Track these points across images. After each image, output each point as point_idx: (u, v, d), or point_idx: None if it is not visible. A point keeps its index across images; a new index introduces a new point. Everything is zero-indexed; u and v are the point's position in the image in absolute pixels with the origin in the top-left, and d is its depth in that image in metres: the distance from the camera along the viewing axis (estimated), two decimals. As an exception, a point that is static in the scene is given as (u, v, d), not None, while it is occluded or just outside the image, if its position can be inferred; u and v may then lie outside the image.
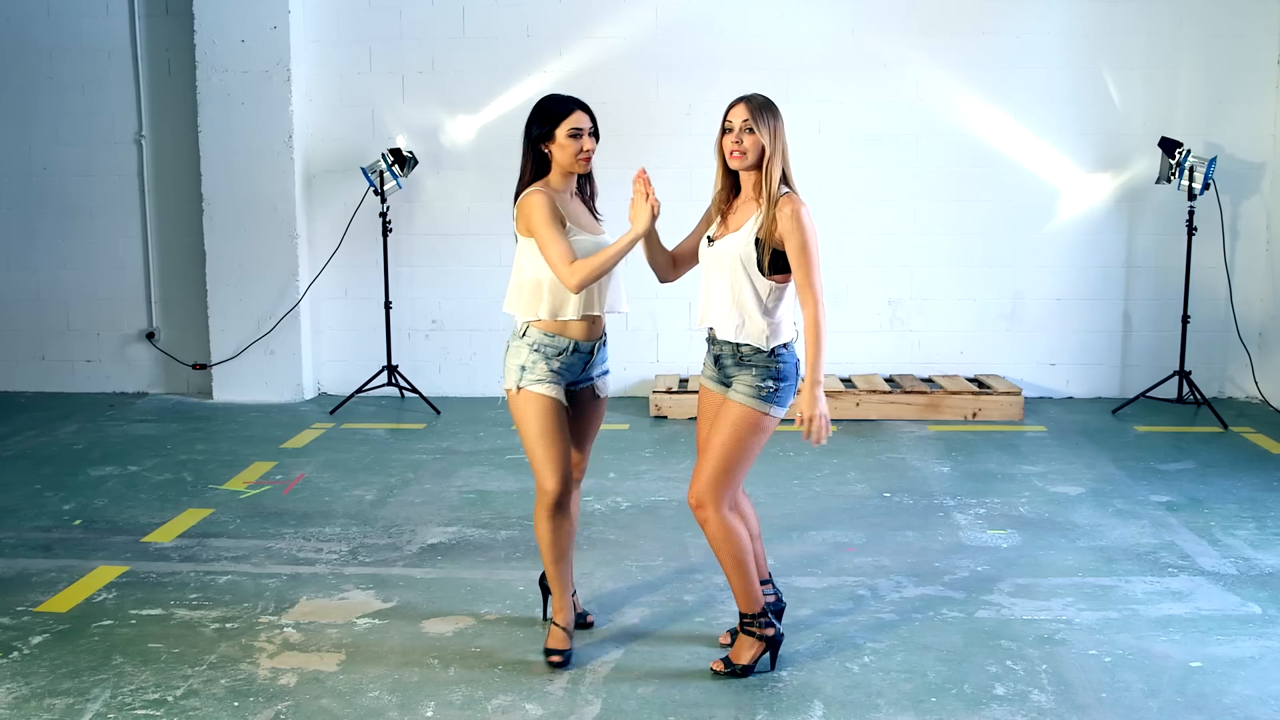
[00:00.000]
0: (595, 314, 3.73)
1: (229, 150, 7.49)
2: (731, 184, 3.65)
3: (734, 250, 3.53)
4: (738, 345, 3.56)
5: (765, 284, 3.52)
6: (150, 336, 7.99)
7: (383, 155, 7.21)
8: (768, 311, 3.53)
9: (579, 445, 3.90)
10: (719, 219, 3.67)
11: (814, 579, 4.47)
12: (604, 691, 3.55)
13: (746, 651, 3.66)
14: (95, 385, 8.06)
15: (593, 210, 3.86)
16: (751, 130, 3.49)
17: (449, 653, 3.82)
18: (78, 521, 5.23)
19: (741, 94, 3.60)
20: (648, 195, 3.56)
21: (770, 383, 3.53)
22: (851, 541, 4.90)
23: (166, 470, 6.05)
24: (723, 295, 3.57)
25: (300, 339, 7.67)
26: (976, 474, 5.90)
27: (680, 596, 4.30)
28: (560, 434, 3.67)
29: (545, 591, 4.07)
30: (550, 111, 3.70)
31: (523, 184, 3.73)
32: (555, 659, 3.73)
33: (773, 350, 3.53)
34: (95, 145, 7.85)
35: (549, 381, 3.67)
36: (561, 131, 3.66)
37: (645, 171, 3.64)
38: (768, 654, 3.69)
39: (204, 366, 7.83)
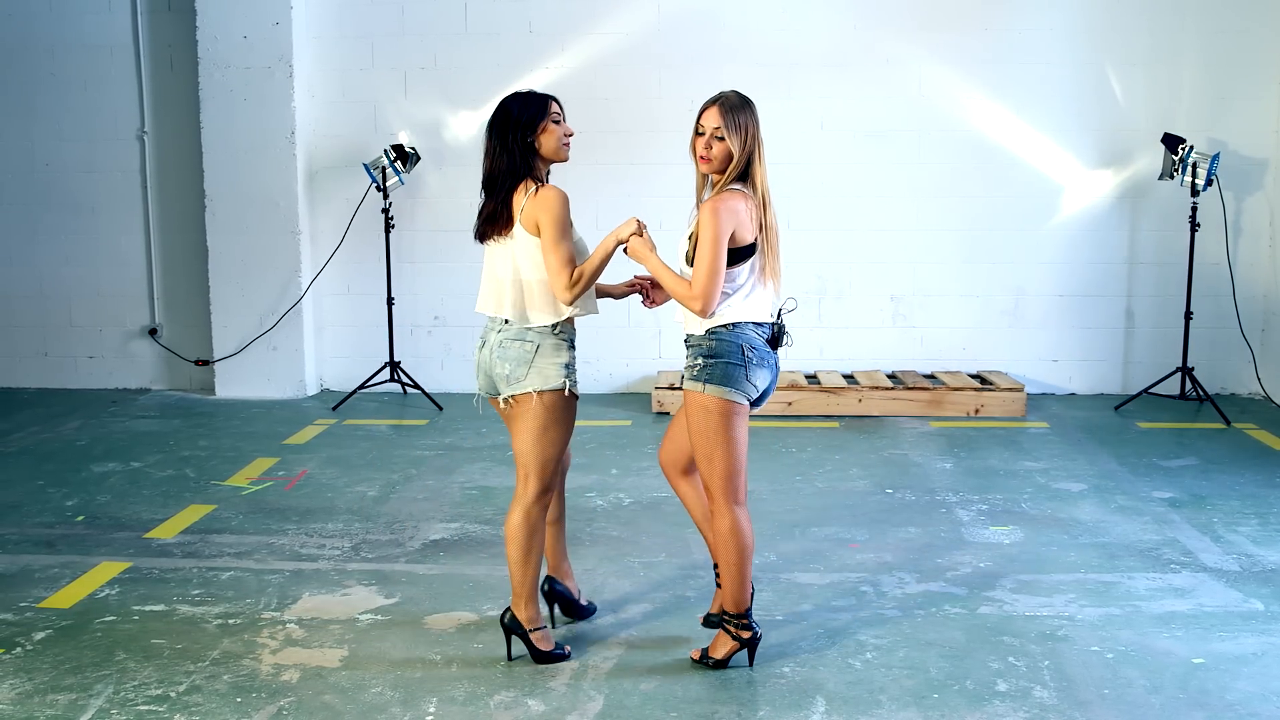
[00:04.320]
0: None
1: (231, 146, 7.49)
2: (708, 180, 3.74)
3: (683, 243, 3.66)
4: (686, 332, 3.65)
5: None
6: (153, 333, 7.99)
7: (385, 151, 7.21)
8: None
9: None
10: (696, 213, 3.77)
11: (816, 575, 4.47)
12: (606, 688, 3.56)
13: (723, 647, 3.69)
14: (98, 381, 8.06)
15: None
16: (721, 139, 3.54)
17: (451, 649, 3.83)
18: (80, 517, 5.23)
19: (715, 94, 3.62)
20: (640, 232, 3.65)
21: (700, 360, 3.55)
22: (854, 538, 4.90)
23: (169, 466, 6.06)
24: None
25: (303, 335, 7.67)
26: (979, 470, 5.90)
27: (682, 593, 4.30)
28: None
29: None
30: (533, 101, 3.65)
31: (513, 181, 3.61)
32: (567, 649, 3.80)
33: (707, 330, 3.57)
34: (98, 141, 7.85)
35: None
36: (547, 119, 3.64)
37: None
38: (744, 652, 3.70)
39: (206, 363, 7.84)
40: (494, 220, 3.66)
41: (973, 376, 7.46)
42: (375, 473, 5.92)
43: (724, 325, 3.55)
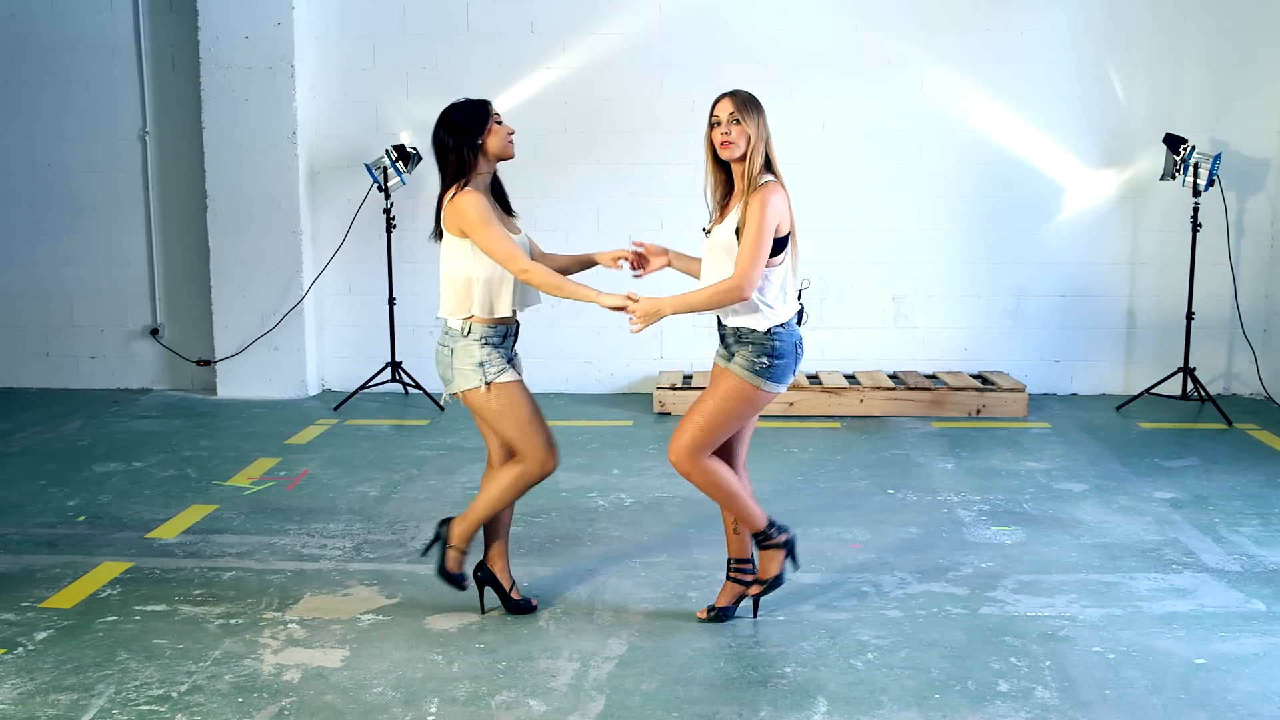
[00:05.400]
0: (529, 305, 3.92)
1: (233, 146, 7.49)
2: (724, 177, 3.83)
3: (720, 241, 3.75)
4: (737, 328, 3.75)
5: None
6: (154, 333, 8.00)
7: (386, 151, 7.21)
8: (758, 295, 3.70)
9: None
10: (716, 212, 3.86)
11: (818, 575, 4.47)
12: (608, 688, 3.55)
13: (772, 563, 3.92)
14: (99, 381, 8.07)
15: (507, 208, 3.97)
16: (738, 121, 3.68)
17: (453, 649, 3.83)
18: (82, 518, 5.24)
19: (725, 90, 3.79)
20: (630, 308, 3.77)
21: (765, 359, 3.71)
22: (855, 538, 4.90)
23: (171, 466, 6.06)
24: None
25: (304, 335, 7.67)
26: (980, 470, 5.90)
27: (684, 593, 4.30)
28: (539, 412, 3.87)
29: (488, 582, 4.10)
30: (475, 106, 3.84)
31: (448, 183, 3.83)
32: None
33: (769, 330, 3.71)
34: (99, 141, 7.85)
35: (510, 369, 3.86)
36: (490, 120, 3.82)
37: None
38: (790, 559, 3.96)
39: (208, 363, 7.84)
40: (435, 222, 3.90)
41: (974, 377, 7.46)
42: (377, 473, 5.92)
43: (782, 325, 3.72)
